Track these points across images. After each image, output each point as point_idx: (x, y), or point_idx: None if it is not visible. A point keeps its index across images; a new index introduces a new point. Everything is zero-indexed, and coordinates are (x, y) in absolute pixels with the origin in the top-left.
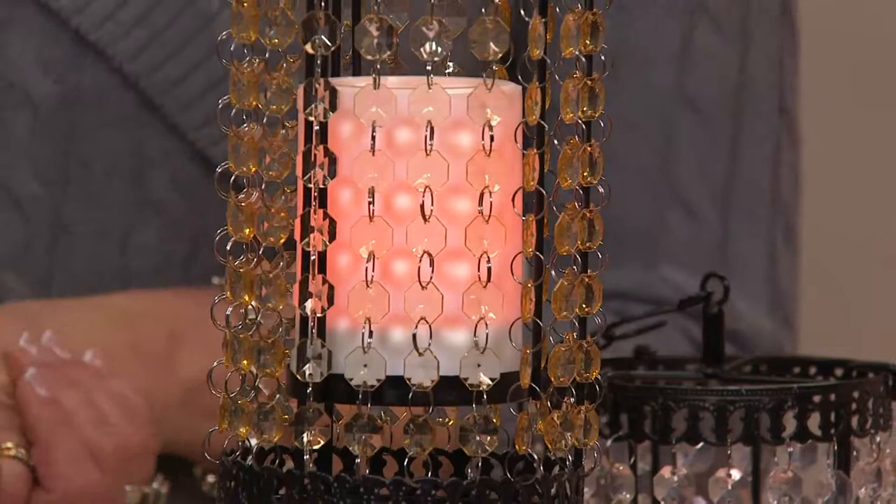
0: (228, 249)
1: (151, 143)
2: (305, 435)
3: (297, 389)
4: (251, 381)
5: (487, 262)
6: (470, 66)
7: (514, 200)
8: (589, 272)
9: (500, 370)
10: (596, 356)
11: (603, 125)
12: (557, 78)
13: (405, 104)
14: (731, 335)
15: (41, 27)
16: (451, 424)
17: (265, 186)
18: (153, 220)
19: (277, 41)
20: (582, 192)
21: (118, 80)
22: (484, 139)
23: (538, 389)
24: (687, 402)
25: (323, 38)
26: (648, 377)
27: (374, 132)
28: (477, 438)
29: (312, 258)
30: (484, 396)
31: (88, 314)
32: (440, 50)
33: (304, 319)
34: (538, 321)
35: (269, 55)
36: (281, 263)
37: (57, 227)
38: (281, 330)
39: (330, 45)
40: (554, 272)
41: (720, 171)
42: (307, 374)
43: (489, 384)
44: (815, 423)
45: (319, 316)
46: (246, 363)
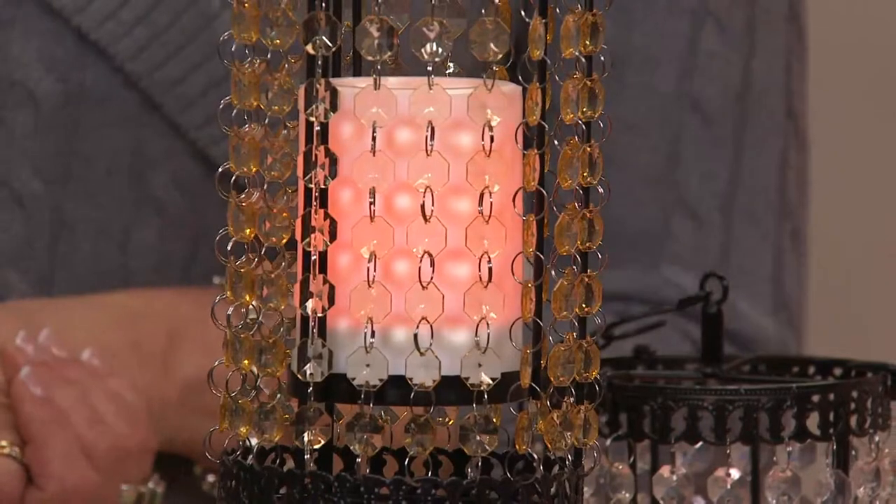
0: (229, 249)
1: (152, 142)
2: (306, 434)
3: (297, 389)
4: (252, 380)
5: (488, 262)
6: (470, 66)
7: (514, 200)
8: (589, 272)
9: (500, 370)
10: (595, 356)
11: (603, 126)
12: (557, 79)
13: (405, 105)
14: (734, 337)
15: (43, 26)
16: (451, 424)
17: (266, 187)
18: (154, 219)
19: (279, 42)
20: (582, 192)
21: (120, 79)
22: (484, 139)
23: (538, 389)
24: (686, 401)
25: (324, 38)
26: (648, 377)
27: (374, 132)
28: (477, 438)
29: (313, 258)
30: (485, 396)
31: (88, 313)
32: (441, 51)
33: (304, 319)
34: (538, 321)
35: (270, 56)
36: (282, 263)
37: (58, 225)
38: (282, 330)
39: (331, 45)
40: (554, 272)
41: (725, 174)
42: (308, 373)
43: (490, 384)
44: (813, 422)
45: (320, 316)
46: (247, 363)
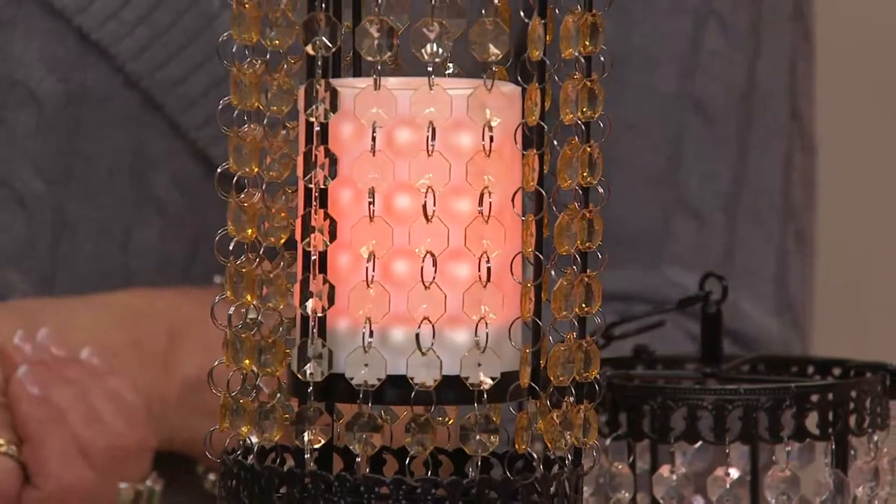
0: (230, 249)
1: (153, 142)
2: (306, 434)
3: (297, 389)
4: (252, 380)
5: (487, 262)
6: (469, 66)
7: (513, 201)
8: (588, 272)
9: (500, 369)
10: (595, 356)
11: (602, 126)
12: (557, 79)
13: (405, 105)
14: (737, 337)
15: (45, 26)
16: (450, 423)
17: (266, 187)
18: (155, 219)
19: (278, 42)
20: (581, 192)
21: (121, 79)
22: (484, 140)
23: (538, 389)
24: (685, 401)
25: (324, 39)
26: (647, 376)
27: (374, 133)
28: (477, 437)
29: (313, 258)
30: (484, 396)
31: (88, 312)
32: (441, 51)
33: (304, 319)
34: (538, 321)
35: (270, 56)
36: (282, 263)
37: (60, 225)
38: (282, 329)
39: (331, 46)
40: (553, 272)
41: (727, 174)
42: (308, 373)
43: (490, 383)
44: (812, 422)
45: (320, 315)
46: (247, 362)
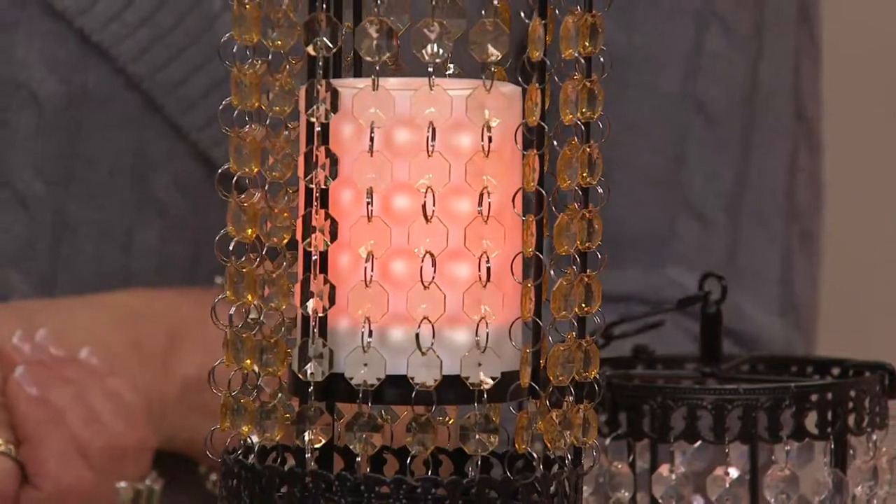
0: (230, 249)
1: (154, 144)
2: (307, 433)
3: (298, 388)
4: (253, 380)
5: (487, 262)
6: (469, 67)
7: (513, 201)
8: (588, 272)
9: (500, 369)
10: (595, 355)
11: (602, 126)
12: (557, 79)
13: (404, 105)
14: (740, 338)
15: (47, 27)
16: (451, 423)
17: (268, 187)
18: (156, 221)
19: (279, 43)
20: (581, 192)
21: (122, 81)
22: (483, 140)
23: (538, 388)
24: (685, 400)
25: (325, 39)
26: (647, 376)
27: (372, 133)
28: (477, 437)
29: (314, 258)
30: (484, 395)
31: (87, 312)
32: (441, 52)
33: (305, 319)
34: (538, 321)
35: (271, 57)
36: (283, 263)
37: (60, 226)
38: (283, 329)
39: (331, 46)
40: (553, 272)
41: (730, 175)
42: (309, 373)
43: (490, 383)
44: (812, 421)
45: (321, 315)
46: (248, 362)
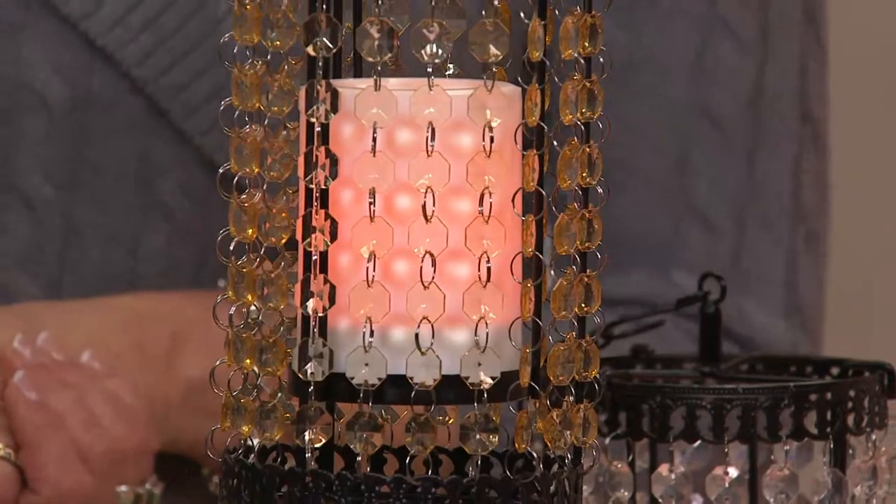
0: (231, 249)
1: (159, 148)
2: (307, 433)
3: (298, 388)
4: (253, 379)
5: (487, 262)
6: (470, 67)
7: (514, 201)
8: (588, 272)
9: (500, 369)
10: (595, 355)
11: (602, 126)
12: (557, 80)
13: (406, 105)
14: (744, 341)
15: (53, 32)
16: (451, 423)
17: (267, 187)
18: (162, 225)
19: (279, 43)
20: (581, 192)
21: (126, 85)
22: (484, 140)
23: (537, 388)
24: (684, 400)
25: (324, 40)
26: (646, 376)
27: (374, 133)
28: (477, 437)
29: (314, 258)
30: (484, 395)
31: (89, 315)
32: (441, 52)
33: (305, 319)
34: (537, 320)
35: (271, 57)
36: (283, 263)
37: (68, 229)
38: (283, 329)
39: (331, 47)
40: (553, 272)
41: (736, 178)
42: (309, 372)
43: (490, 383)
44: (811, 421)
45: (321, 315)
46: (248, 362)
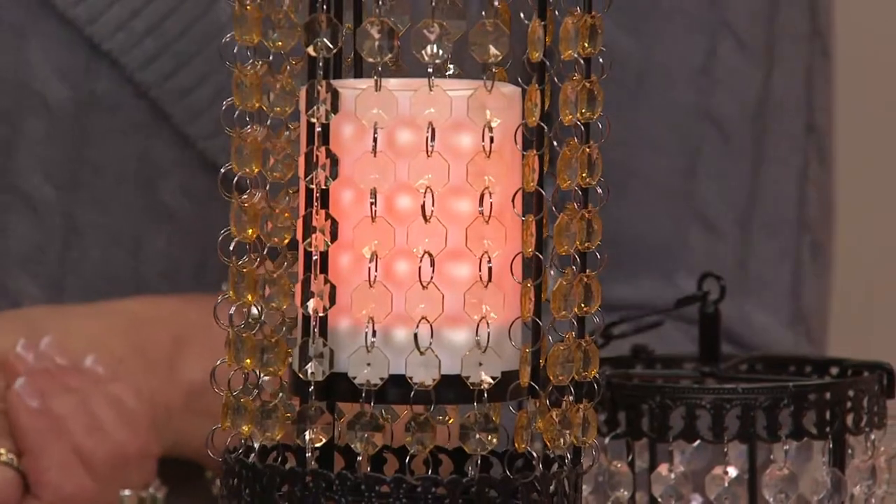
0: (232, 249)
1: (162, 151)
2: (307, 433)
3: (299, 388)
4: (254, 379)
5: (488, 262)
6: (469, 67)
7: (514, 201)
8: (587, 272)
9: (500, 369)
10: (594, 355)
11: (601, 127)
12: (556, 80)
13: (406, 106)
14: (749, 349)
15: (58, 35)
16: (451, 423)
17: (269, 187)
18: (164, 226)
19: (280, 44)
20: (581, 192)
21: (130, 88)
22: (484, 140)
23: (537, 388)
24: (684, 400)
25: (325, 40)
26: (646, 376)
27: (375, 133)
28: (477, 436)
29: (315, 258)
30: (484, 395)
31: (92, 320)
32: (441, 52)
33: (306, 319)
34: (537, 320)
35: (272, 57)
36: (284, 263)
37: (68, 230)
38: (283, 329)
39: (332, 47)
40: (553, 272)
41: (742, 187)
42: (309, 372)
43: (490, 383)
44: (810, 421)
45: (321, 315)
46: (249, 362)
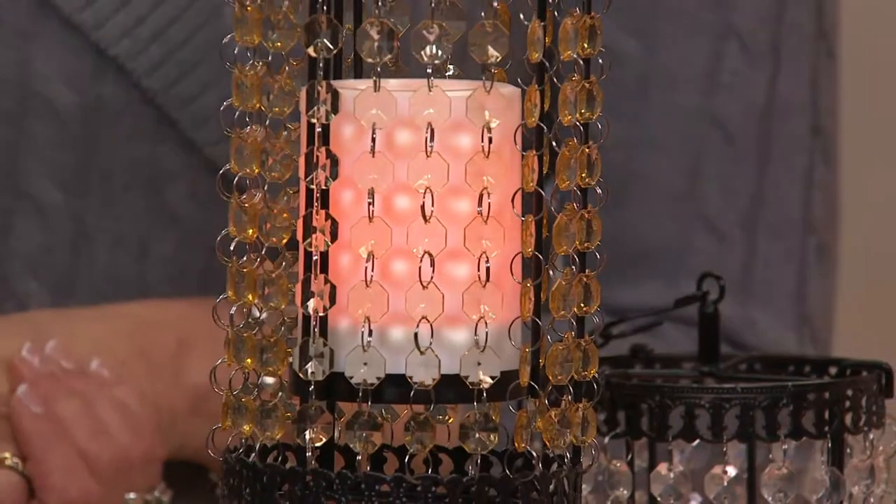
0: (231, 250)
1: (169, 157)
2: (308, 432)
3: (299, 387)
4: (254, 379)
5: (487, 262)
6: (469, 68)
7: (513, 201)
8: (587, 272)
9: (499, 368)
10: (594, 355)
11: (601, 127)
12: (556, 81)
13: (405, 106)
14: (754, 351)
15: (65, 41)
16: (451, 422)
17: (268, 187)
18: (171, 231)
19: (280, 44)
20: (580, 193)
21: (137, 95)
22: (483, 141)
23: (537, 387)
24: (683, 399)
25: (325, 41)
26: (645, 375)
27: (374, 134)
28: (477, 436)
29: (314, 258)
30: (484, 394)
31: (96, 323)
32: (440, 53)
33: (306, 318)
34: (537, 320)
35: (271, 58)
36: (283, 263)
37: (77, 235)
38: (283, 329)
39: (332, 48)
40: (552, 272)
41: (747, 190)
42: (309, 372)
43: (489, 382)
44: (809, 420)
45: (321, 315)
46: (249, 361)
